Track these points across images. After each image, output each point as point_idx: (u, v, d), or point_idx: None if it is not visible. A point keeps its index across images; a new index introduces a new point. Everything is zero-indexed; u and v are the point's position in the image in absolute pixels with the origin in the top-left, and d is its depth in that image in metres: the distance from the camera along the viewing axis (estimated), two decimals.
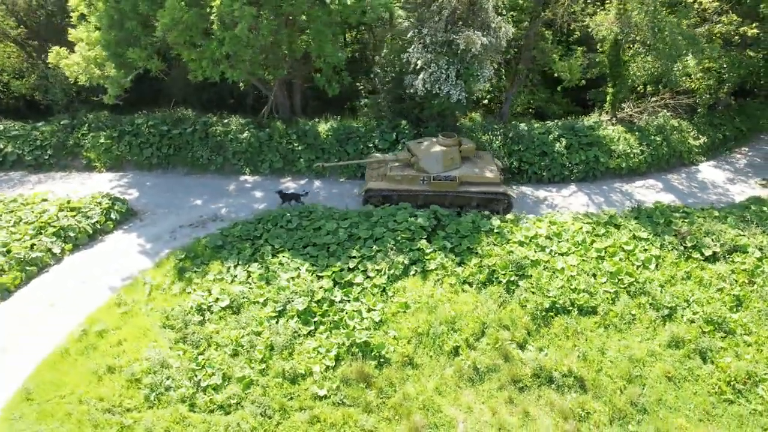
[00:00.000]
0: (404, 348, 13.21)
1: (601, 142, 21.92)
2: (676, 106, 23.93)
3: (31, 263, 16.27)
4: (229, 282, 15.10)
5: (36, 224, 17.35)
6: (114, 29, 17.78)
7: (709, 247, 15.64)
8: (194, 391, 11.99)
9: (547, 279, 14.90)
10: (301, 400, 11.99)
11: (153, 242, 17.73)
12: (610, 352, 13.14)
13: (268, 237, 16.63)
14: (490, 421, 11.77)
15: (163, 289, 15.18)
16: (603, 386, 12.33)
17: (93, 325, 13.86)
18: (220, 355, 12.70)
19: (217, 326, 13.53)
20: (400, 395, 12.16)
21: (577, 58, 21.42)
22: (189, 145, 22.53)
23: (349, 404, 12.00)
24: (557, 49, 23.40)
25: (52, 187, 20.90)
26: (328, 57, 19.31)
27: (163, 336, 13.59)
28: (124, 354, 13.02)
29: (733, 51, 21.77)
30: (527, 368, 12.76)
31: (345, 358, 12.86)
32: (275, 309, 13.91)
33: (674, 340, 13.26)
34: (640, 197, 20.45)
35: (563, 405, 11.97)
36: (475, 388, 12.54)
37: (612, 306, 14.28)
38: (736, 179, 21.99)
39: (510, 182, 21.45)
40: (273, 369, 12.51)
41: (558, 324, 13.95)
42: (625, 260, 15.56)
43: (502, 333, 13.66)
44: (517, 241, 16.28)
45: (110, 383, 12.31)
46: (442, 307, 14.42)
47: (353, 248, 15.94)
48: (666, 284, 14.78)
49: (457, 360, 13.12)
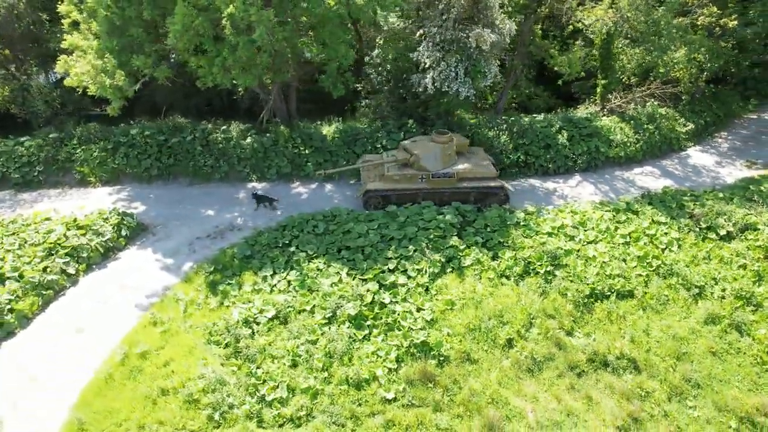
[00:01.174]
0: (461, 344, 13.33)
1: (600, 132, 22.77)
2: (661, 95, 25.19)
3: (47, 287, 15.31)
4: (269, 292, 14.74)
5: (45, 245, 16.33)
6: (115, 36, 16.94)
7: (723, 227, 16.61)
8: (260, 407, 11.65)
9: (582, 267, 15.39)
10: (370, 405, 11.88)
11: (172, 256, 17.05)
12: (654, 332, 13.74)
13: (299, 243, 16.34)
14: (558, 408, 12.07)
15: (198, 304, 14.64)
16: (655, 365, 12.89)
17: (133, 347, 13.21)
18: (279, 367, 12.38)
19: (267, 338, 13.18)
20: (467, 391, 12.27)
21: (576, 52, 22.14)
22: (189, 154, 21.75)
23: (418, 405, 12.00)
24: (553, 44, 24.09)
25: (48, 205, 19.70)
26: (341, 58, 19.11)
27: (210, 352, 13.12)
28: (174, 374, 12.48)
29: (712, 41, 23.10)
30: (581, 354, 13.15)
31: (405, 359, 12.83)
32: (325, 316, 13.70)
33: (710, 317, 14.02)
34: (642, 184, 21.41)
35: (622, 387, 12.43)
36: (535, 378, 12.82)
37: (646, 288, 14.92)
38: (724, 162, 23.39)
39: (518, 175, 21.98)
40: (336, 376, 12.33)
41: (600, 309, 14.46)
42: (649, 244, 16.27)
43: (550, 322, 14.02)
44: (546, 232, 16.70)
45: (167, 406, 11.78)
46: (486, 301, 14.64)
47: (388, 249, 15.90)
48: (690, 264, 15.58)
49: (513, 352, 13.36)
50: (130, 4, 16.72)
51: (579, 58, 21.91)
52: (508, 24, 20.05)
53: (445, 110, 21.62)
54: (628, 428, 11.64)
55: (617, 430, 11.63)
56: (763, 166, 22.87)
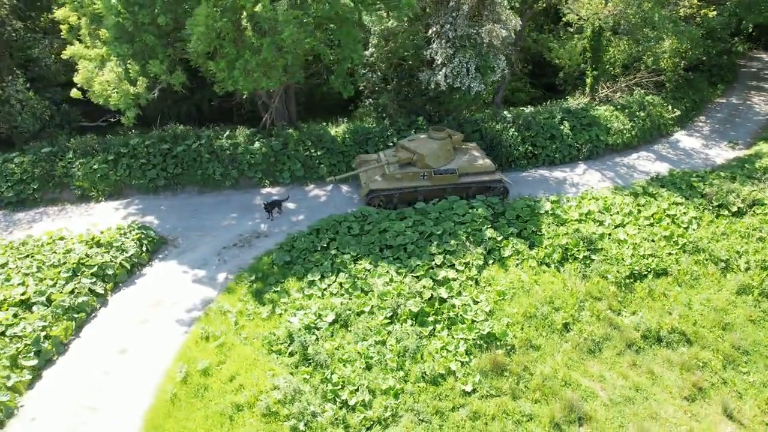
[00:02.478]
0: (522, 332, 13.62)
1: (598, 121, 23.76)
2: (646, 84, 26.57)
3: (78, 309, 14.41)
4: (320, 296, 14.50)
5: (67, 266, 15.34)
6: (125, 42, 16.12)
7: (734, 204, 17.78)
8: (343, 412, 11.47)
9: (616, 250, 16.06)
10: (451, 399, 11.95)
11: (201, 268, 16.44)
12: (695, 306, 14.55)
13: (338, 245, 16.14)
14: (625, 385, 12.58)
15: (248, 314, 14.19)
16: (704, 337, 13.67)
17: (192, 364, 12.67)
18: (354, 371, 12.22)
19: (333, 342, 12.97)
20: (539, 376, 12.57)
21: (575, 44, 22.98)
22: (196, 162, 20.97)
23: (496, 394, 12.18)
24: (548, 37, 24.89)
25: (48, 224, 18.51)
26: (354, 57, 18.99)
27: (276, 362, 12.78)
28: (244, 389, 12.07)
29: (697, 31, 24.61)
30: (635, 332, 13.76)
31: (473, 351, 12.99)
32: (386, 316, 13.63)
33: (741, 288, 15.00)
34: (642, 168, 22.54)
35: (680, 359, 13.10)
36: (597, 358, 13.30)
37: (678, 266, 15.76)
38: (709, 144, 24.97)
39: (527, 167, 22.59)
40: (412, 375, 12.31)
41: (640, 289, 15.15)
42: (672, 224, 17.19)
43: (598, 304, 14.56)
44: (575, 219, 17.30)
45: (245, 421, 11.39)
46: (534, 289, 15.03)
47: (430, 246, 15.99)
48: (712, 240, 16.59)
49: (570, 335, 13.79)
50: (141, 9, 15.95)
51: (579, 50, 22.75)
52: (513, 20, 20.59)
53: (456, 106, 21.90)
54: (695, 397, 12.30)
55: (685, 400, 12.27)
56: (745, 146, 24.61)
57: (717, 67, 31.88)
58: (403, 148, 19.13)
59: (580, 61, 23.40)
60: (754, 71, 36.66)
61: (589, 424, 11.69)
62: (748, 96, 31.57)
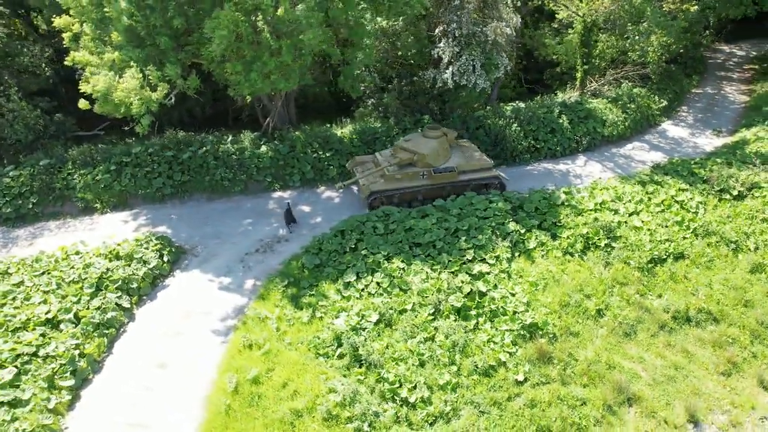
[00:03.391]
0: (561, 320, 14.00)
1: (594, 114, 24.56)
2: (632, 77, 27.62)
3: (108, 325, 13.91)
4: (359, 297, 14.47)
5: (89, 281, 14.76)
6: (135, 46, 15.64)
7: (734, 188, 18.75)
8: (405, 410, 11.53)
9: (634, 237, 16.69)
10: (506, 389, 12.18)
11: (227, 276, 16.13)
12: (715, 286, 15.30)
13: (367, 246, 16.13)
14: (664, 364, 13.13)
15: (288, 320, 14.03)
16: (729, 314, 14.40)
17: (240, 374, 12.43)
18: (408, 368, 12.29)
19: (381, 342, 12.99)
20: (584, 362, 12.96)
21: (572, 40, 23.67)
22: (203, 168, 20.51)
23: (546, 381, 12.50)
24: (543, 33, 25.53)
25: (51, 240, 17.81)
26: (365, 59, 19.01)
27: (325, 366, 12.69)
28: (298, 394, 11.96)
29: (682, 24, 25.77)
30: (665, 314, 14.36)
31: (518, 342, 13.27)
32: (429, 312, 13.75)
33: (754, 267, 15.86)
34: (638, 158, 23.45)
35: (710, 337, 13.77)
36: (633, 341, 13.81)
37: (693, 249, 16.52)
38: (695, 132, 26.20)
39: (530, 161, 23.14)
40: (465, 368, 12.48)
41: (661, 272, 15.81)
42: (681, 210, 17.99)
43: (625, 289, 15.12)
44: (591, 209, 17.86)
45: (307, 427, 11.29)
46: (563, 278, 15.46)
47: (458, 241, 16.19)
48: (721, 223, 17.46)
49: (605, 321, 14.27)
50: (153, 12, 15.51)
51: (575, 45, 23.46)
52: (514, 18, 21.07)
53: (462, 103, 22.20)
54: (730, 372, 12.96)
55: (722, 375, 12.91)
56: (728, 133, 25.94)
57: (691, 60, 33.45)
58: (402, 149, 18.94)
59: (576, 56, 24.13)
60: (720, 62, 38.57)
61: (638, 404, 12.16)
62: (720, 86, 33.26)
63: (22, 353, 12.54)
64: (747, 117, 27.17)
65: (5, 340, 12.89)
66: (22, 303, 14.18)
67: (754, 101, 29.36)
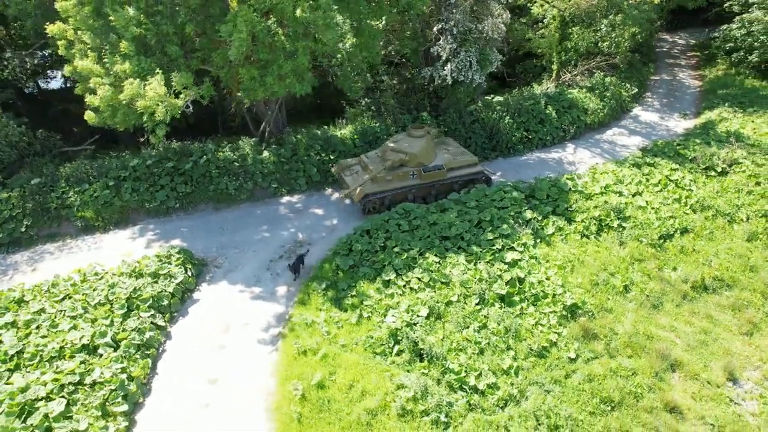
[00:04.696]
0: (594, 299, 14.78)
1: (576, 104, 25.83)
2: (603, 67, 29.23)
3: (149, 346, 13.35)
4: (402, 294, 14.63)
5: (119, 302, 14.08)
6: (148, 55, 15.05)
7: (718, 165, 20.37)
8: (475, 397, 11.85)
9: (642, 216, 17.82)
10: (562, 367, 12.76)
11: (257, 285, 15.83)
12: (722, 255, 16.63)
13: (397, 243, 16.29)
14: (693, 331, 14.19)
15: (336, 322, 13.98)
16: (740, 280, 15.72)
17: (302, 381, 12.30)
18: (470, 357, 12.62)
19: (438, 335, 13.24)
20: (624, 335, 13.77)
21: (554, 34, 24.76)
22: (206, 177, 19.92)
23: (595, 356, 13.20)
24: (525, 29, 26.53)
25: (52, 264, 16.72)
26: (372, 58, 19.13)
27: (386, 363, 12.79)
28: (367, 394, 12.00)
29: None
30: (684, 285, 15.47)
31: (562, 322, 13.91)
32: (475, 302, 14.13)
33: (750, 235, 17.37)
34: (621, 143, 24.91)
35: (728, 302, 14.99)
36: (661, 312, 14.81)
37: (694, 223, 17.85)
38: (665, 116, 28.10)
39: (524, 151, 24.05)
40: (521, 352, 12.96)
41: (671, 247, 16.99)
42: (676, 188, 19.35)
43: (644, 265, 16.15)
44: (597, 193, 18.87)
45: (384, 424, 11.37)
46: (586, 259, 16.29)
47: (483, 232, 16.67)
48: (713, 198, 18.94)
49: (632, 295, 15.20)
50: (164, 19, 14.97)
51: (556, 39, 24.57)
52: (504, 14, 21.83)
53: (458, 99, 22.73)
54: (752, 332, 14.18)
55: (745, 335, 14.11)
56: (693, 116, 28.03)
57: (646, 48, 35.75)
58: (392, 150, 18.60)
59: (559, 49, 25.30)
60: (666, 50, 41.39)
61: (681, 369, 13.09)
62: (674, 72, 35.76)
63: (67, 383, 11.83)
64: (706, 100, 29.43)
65: (43, 371, 12.11)
66: (49, 331, 13.32)
67: (708, 85, 31.83)
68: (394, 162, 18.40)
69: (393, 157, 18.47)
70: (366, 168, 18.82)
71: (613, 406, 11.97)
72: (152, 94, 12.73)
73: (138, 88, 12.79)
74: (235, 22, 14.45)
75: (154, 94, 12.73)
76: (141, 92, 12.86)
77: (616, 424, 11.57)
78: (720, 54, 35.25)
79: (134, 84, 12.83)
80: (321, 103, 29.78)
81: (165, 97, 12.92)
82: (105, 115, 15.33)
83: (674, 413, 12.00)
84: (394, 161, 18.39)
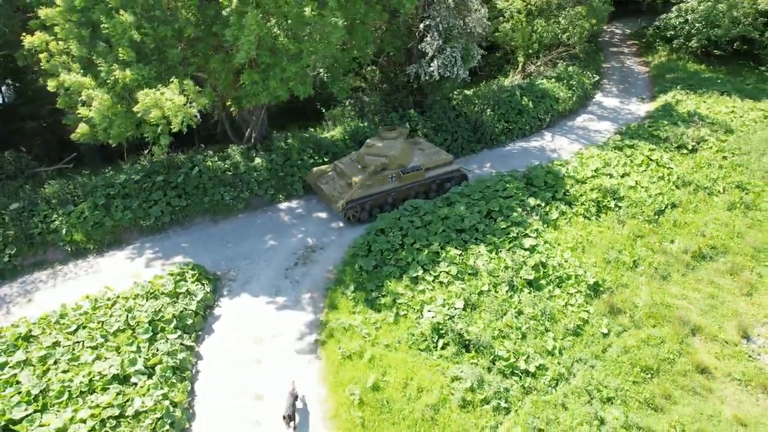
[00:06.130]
0: (610, 276, 15.58)
1: (549, 93, 26.95)
2: (564, 57, 30.67)
3: (183, 368, 12.69)
4: (432, 289, 14.75)
5: (141, 326, 13.26)
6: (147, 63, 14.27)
7: (688, 143, 22.00)
8: (528, 380, 12.19)
9: (635, 195, 18.94)
10: (597, 343, 13.37)
11: (279, 294, 15.41)
12: (710, 225, 17.99)
13: (415, 240, 16.37)
14: (702, 296, 15.30)
15: (374, 323, 13.89)
16: (730, 246, 17.09)
17: (355, 385, 12.14)
18: (515, 343, 12.94)
19: (479, 325, 13.47)
20: (644, 307, 14.63)
21: (526, 27, 25.66)
22: (199, 189, 19.10)
23: (624, 329, 13.95)
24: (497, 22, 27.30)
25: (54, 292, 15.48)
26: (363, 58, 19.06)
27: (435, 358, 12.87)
28: (425, 390, 12.04)
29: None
30: (686, 255, 16.62)
31: (588, 301, 14.57)
32: (505, 289, 14.49)
33: (729, 205, 18.92)
34: (593, 128, 26.28)
35: (726, 267, 16.27)
36: (670, 282, 15.84)
37: (680, 198, 19.19)
38: (624, 101, 29.90)
39: (506, 142, 24.82)
40: (559, 332, 13.45)
41: (665, 221, 18.19)
42: (657, 166, 20.71)
43: (646, 240, 17.20)
44: (589, 176, 19.83)
45: (447, 417, 11.46)
46: (593, 240, 17.12)
47: (495, 222, 17.10)
48: (691, 174, 20.44)
49: (641, 269, 16.15)
50: (162, 23, 14.23)
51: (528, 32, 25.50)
52: (483, 10, 22.40)
53: (441, 94, 23.08)
54: (751, 292, 15.48)
55: (746, 296, 15.38)
56: (650, 99, 30.02)
57: (594, 37, 37.83)
58: (370, 155, 18.24)
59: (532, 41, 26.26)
60: (607, 40, 44.00)
61: (700, 332, 14.09)
62: (621, 60, 38.07)
63: (107, 417, 11.03)
64: (657, 84, 31.61)
65: (76, 408, 11.22)
66: (70, 365, 12.33)
67: (655, 71, 34.18)
68: (376, 167, 17.96)
69: (375, 162, 18.02)
70: (342, 174, 18.27)
71: (652, 373, 12.71)
72: (170, 105, 12.05)
73: (156, 99, 12.06)
74: (239, 24, 13.98)
75: (173, 104, 12.06)
76: (159, 102, 12.14)
77: (659, 390, 12.30)
78: (657, 41, 37.96)
79: (151, 94, 12.09)
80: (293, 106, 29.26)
81: (183, 106, 12.27)
82: (101, 127, 14.35)
83: (705, 374, 12.92)
84: (377, 166, 17.96)
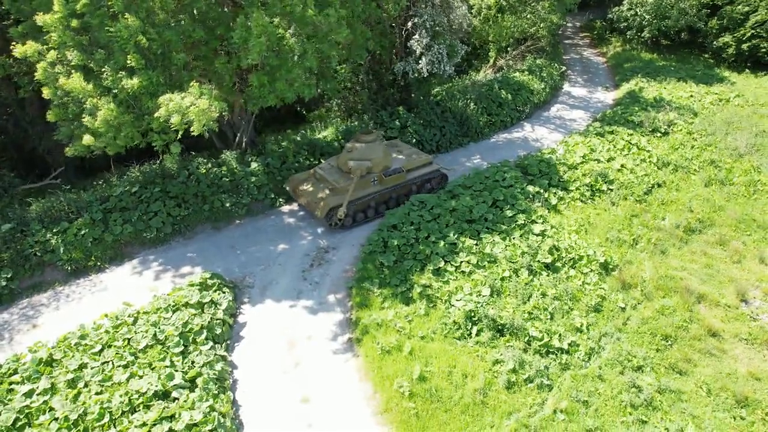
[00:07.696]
0: (616, 254, 16.49)
1: (524, 86, 27.96)
2: (531, 50, 31.89)
3: (222, 379, 12.43)
4: (455, 279, 15.10)
5: (171, 340, 12.85)
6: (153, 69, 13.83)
7: (661, 127, 23.50)
8: (564, 358, 12.77)
9: (623, 177, 20.07)
10: (617, 317, 14.17)
11: (301, 297, 15.33)
12: (694, 202, 19.33)
13: (429, 233, 16.67)
14: (699, 267, 16.48)
15: (406, 317, 14.08)
16: (715, 220, 18.45)
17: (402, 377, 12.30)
18: (545, 323, 13.49)
19: (507, 310, 13.94)
20: (652, 280, 15.60)
21: (505, 24, 26.48)
22: (198, 197, 18.61)
23: (638, 302, 14.84)
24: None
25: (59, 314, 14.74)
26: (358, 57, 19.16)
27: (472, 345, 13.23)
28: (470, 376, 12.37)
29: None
30: (678, 230, 17.83)
31: (602, 279, 15.38)
32: (525, 274, 15.05)
33: (708, 181, 20.41)
34: (568, 117, 27.52)
35: (714, 239, 17.57)
36: (669, 256, 16.94)
37: (663, 178, 20.52)
38: (591, 90, 31.44)
39: (490, 134, 25.57)
40: (581, 310, 14.12)
41: (653, 200, 19.41)
42: (637, 150, 22.01)
43: (640, 219, 18.31)
44: (579, 162, 20.83)
45: (495, 399, 11.86)
46: (593, 221, 18.04)
47: (502, 211, 17.68)
48: (667, 155, 21.86)
49: (641, 246, 17.19)
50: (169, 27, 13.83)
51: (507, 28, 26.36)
52: (464, 6, 23.01)
53: (426, 91, 23.49)
54: (740, 260, 16.81)
55: (736, 263, 16.70)
56: (614, 88, 31.72)
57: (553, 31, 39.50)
58: (352, 160, 17.83)
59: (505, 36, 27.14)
60: (561, 33, 46.00)
61: (705, 299, 15.20)
62: (578, 51, 39.93)
63: None
64: (618, 74, 33.43)
65: (122, 429, 10.79)
66: (104, 386, 11.80)
67: (613, 60, 36.11)
68: (362, 171, 17.77)
69: (360, 166, 17.75)
70: (323, 180, 18.02)
71: (671, 341, 13.63)
72: (195, 109, 11.73)
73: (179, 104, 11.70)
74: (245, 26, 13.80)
75: (197, 109, 11.75)
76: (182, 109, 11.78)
77: (680, 355, 13.22)
78: (606, 33, 40.14)
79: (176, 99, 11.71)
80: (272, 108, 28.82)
81: (207, 111, 11.98)
82: (107, 137, 13.78)
83: (716, 337, 13.98)
84: (362, 170, 17.77)
